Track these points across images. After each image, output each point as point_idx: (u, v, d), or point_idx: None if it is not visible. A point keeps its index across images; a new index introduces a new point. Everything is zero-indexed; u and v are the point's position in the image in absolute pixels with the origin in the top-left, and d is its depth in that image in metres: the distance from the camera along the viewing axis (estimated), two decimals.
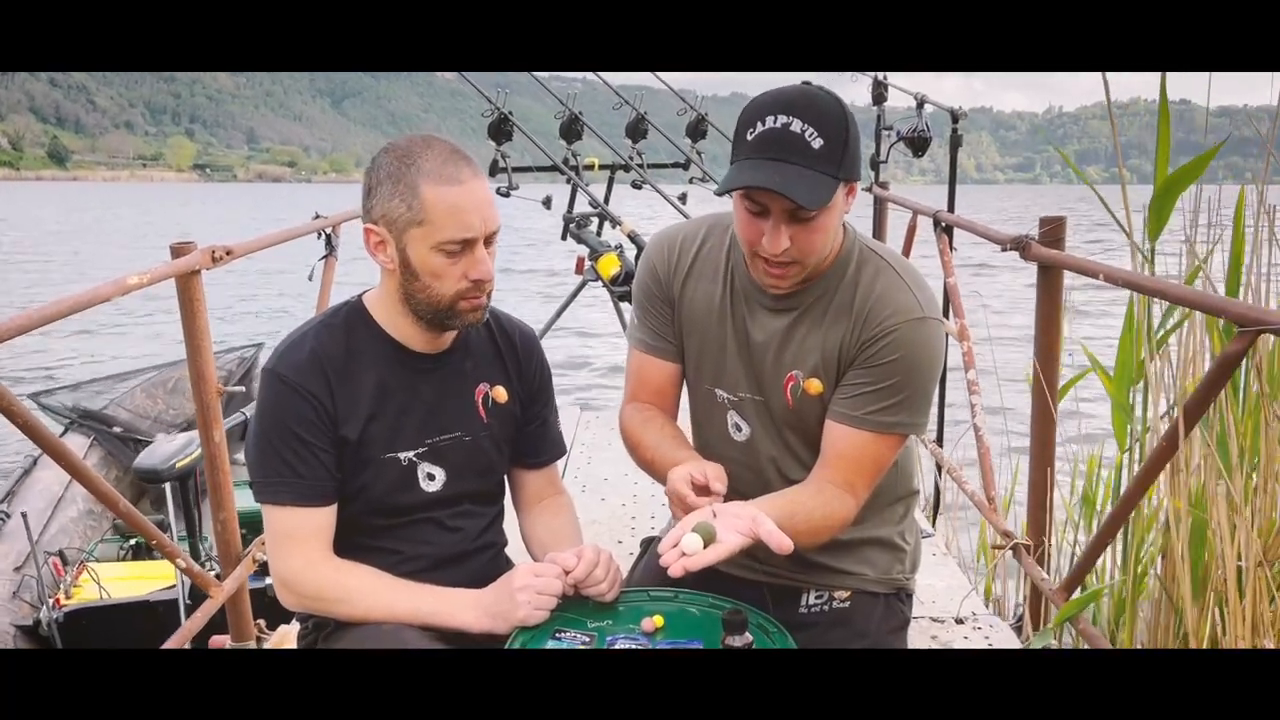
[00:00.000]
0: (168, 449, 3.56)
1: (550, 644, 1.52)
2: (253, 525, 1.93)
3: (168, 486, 3.81)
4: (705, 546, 1.46)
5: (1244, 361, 2.13)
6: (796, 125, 1.52)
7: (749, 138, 1.55)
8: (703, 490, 1.59)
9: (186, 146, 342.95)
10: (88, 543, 4.39)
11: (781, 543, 1.48)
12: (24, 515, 3.96)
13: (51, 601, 3.72)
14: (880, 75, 4.16)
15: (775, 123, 1.53)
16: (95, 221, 49.11)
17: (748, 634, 1.46)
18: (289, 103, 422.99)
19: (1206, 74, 2.16)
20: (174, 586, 3.62)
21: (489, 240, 1.63)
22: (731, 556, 1.49)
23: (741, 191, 1.58)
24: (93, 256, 27.43)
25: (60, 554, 4.14)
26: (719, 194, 1.62)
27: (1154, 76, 2.38)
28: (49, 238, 36.42)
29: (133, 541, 4.46)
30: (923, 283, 1.72)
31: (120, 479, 4.83)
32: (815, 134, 1.52)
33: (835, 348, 1.70)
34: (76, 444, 4.81)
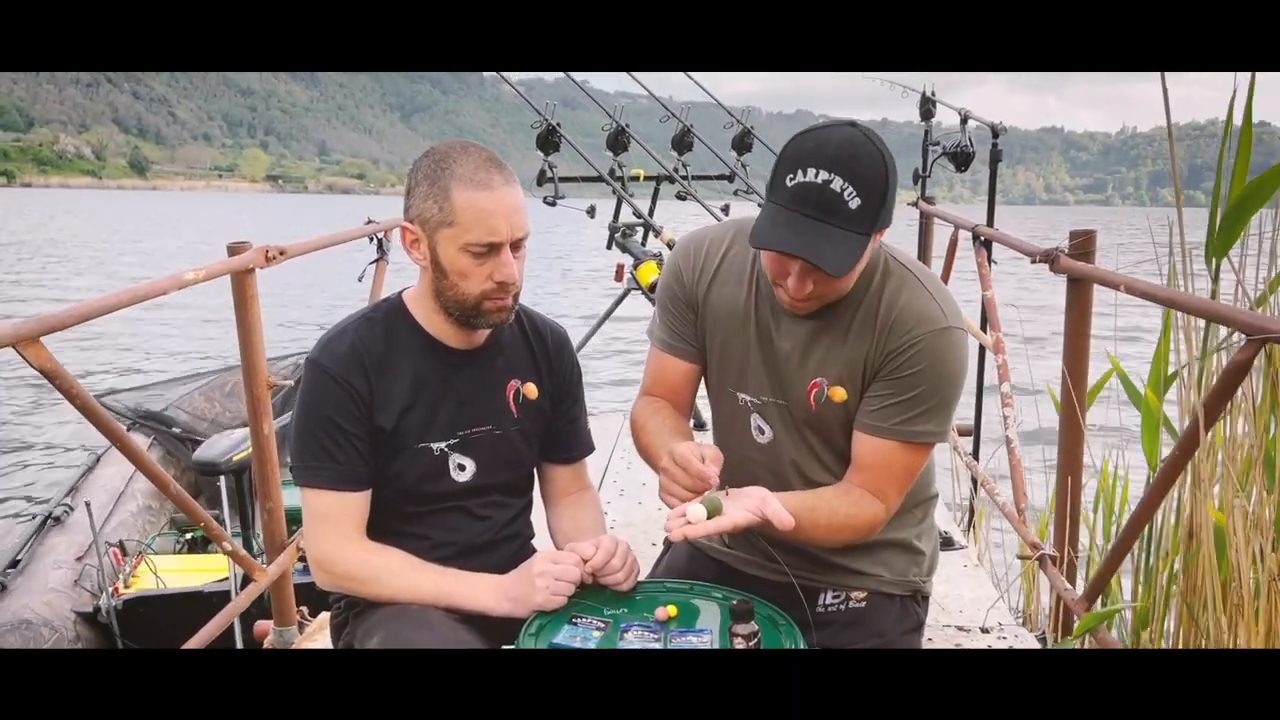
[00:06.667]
0: (225, 443, 3.70)
1: (566, 629, 1.58)
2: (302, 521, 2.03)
3: (223, 480, 3.94)
4: (710, 519, 1.52)
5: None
6: (836, 184, 1.50)
7: (788, 184, 1.53)
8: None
9: (260, 158, 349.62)
10: (146, 536, 4.55)
11: (784, 520, 1.53)
12: (88, 505, 4.11)
13: (111, 590, 3.87)
14: (929, 91, 4.19)
15: (816, 178, 1.51)
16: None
17: (753, 623, 1.50)
18: (360, 116, 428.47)
19: None
20: (227, 578, 3.74)
21: (516, 245, 1.70)
22: (735, 529, 1.54)
23: None
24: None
25: (120, 545, 4.31)
26: (754, 245, 1.59)
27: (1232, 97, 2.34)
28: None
29: (189, 536, 4.61)
30: (946, 292, 1.73)
31: (178, 477, 4.99)
32: (854, 193, 1.50)
33: (861, 358, 1.71)
34: (138, 443, 4.98)
